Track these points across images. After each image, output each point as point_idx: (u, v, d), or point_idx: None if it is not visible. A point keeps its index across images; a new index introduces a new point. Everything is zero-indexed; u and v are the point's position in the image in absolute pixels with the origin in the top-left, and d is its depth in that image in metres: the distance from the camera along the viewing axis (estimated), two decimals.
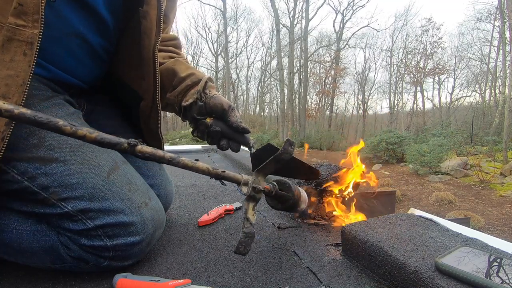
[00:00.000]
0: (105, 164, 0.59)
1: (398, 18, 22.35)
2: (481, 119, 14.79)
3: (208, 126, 0.71)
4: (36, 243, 0.57)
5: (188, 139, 14.04)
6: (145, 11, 0.65)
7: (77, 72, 0.66)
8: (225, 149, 0.74)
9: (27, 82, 0.49)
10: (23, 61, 0.48)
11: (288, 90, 16.77)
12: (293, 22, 17.85)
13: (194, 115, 0.72)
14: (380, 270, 0.54)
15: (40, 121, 0.41)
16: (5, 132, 0.48)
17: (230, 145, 0.74)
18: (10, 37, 0.46)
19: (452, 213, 5.02)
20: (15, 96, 0.47)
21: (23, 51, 0.47)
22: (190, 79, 0.75)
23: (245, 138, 0.73)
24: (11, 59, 0.47)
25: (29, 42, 0.48)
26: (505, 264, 0.46)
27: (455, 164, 7.75)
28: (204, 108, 0.72)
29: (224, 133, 0.72)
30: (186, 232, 0.79)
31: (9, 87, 0.47)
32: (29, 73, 0.49)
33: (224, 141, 0.73)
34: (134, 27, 0.67)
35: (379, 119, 23.66)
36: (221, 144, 0.73)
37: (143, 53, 0.68)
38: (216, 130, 0.71)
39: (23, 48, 0.47)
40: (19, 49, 0.47)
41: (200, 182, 1.40)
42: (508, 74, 10.23)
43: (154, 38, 0.68)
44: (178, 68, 0.77)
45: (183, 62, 0.80)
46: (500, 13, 12.94)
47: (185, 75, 0.75)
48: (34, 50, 0.48)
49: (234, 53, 23.64)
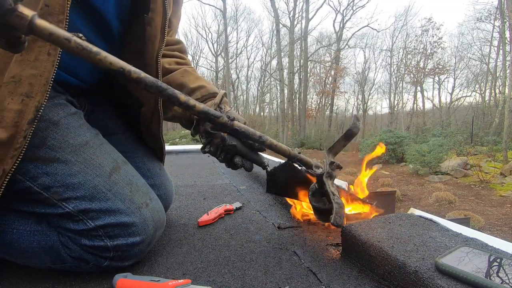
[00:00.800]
0: (106, 165, 0.60)
1: (398, 18, 22.35)
2: (481, 119, 14.79)
3: (224, 140, 0.67)
4: (37, 243, 0.57)
5: (188, 139, 14.03)
6: (151, 18, 0.64)
7: (79, 72, 0.66)
8: (239, 167, 0.70)
9: (50, 82, 0.49)
10: (47, 61, 0.48)
11: (288, 90, 16.77)
12: (293, 22, 17.86)
13: (208, 129, 0.68)
14: (380, 270, 0.54)
15: (161, 87, 0.46)
16: (27, 131, 0.48)
17: (244, 163, 0.69)
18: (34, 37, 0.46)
19: (452, 213, 5.02)
20: (38, 95, 0.48)
21: (47, 51, 0.48)
22: (200, 92, 0.74)
23: (259, 156, 0.71)
24: (35, 59, 0.47)
25: None
26: (505, 264, 0.46)
27: (455, 164, 7.75)
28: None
29: (238, 151, 0.69)
30: (186, 232, 0.80)
31: (33, 86, 0.47)
32: (52, 73, 0.49)
33: (238, 158, 0.68)
34: (138, 33, 0.67)
35: (379, 119, 23.67)
36: (235, 161, 0.68)
37: (145, 59, 0.68)
38: (232, 144, 0.67)
39: (47, 48, 0.48)
40: (43, 49, 0.47)
41: (200, 182, 1.40)
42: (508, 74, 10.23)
43: (158, 45, 0.68)
44: (187, 80, 0.76)
45: (192, 72, 0.79)
46: (500, 13, 12.94)
47: (194, 86, 0.74)
48: (58, 50, 0.49)
49: (234, 53, 23.65)
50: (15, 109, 0.46)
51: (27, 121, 0.48)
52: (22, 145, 0.48)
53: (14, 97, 0.46)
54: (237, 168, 0.70)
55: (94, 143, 0.60)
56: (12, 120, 0.46)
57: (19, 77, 0.46)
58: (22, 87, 0.47)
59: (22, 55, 0.46)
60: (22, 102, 0.47)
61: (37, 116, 0.49)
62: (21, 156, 0.49)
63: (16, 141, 0.47)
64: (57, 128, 0.55)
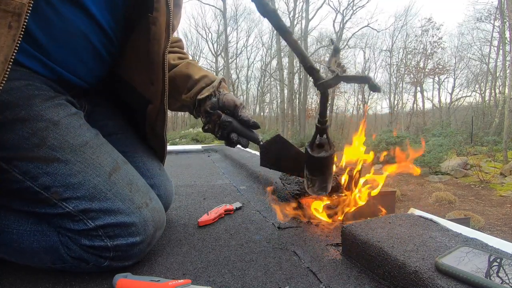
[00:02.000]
0: (106, 164, 0.60)
1: (398, 18, 22.32)
2: (481, 119, 14.79)
3: (220, 116, 0.75)
4: (37, 243, 0.57)
5: (188, 139, 14.03)
6: (155, 17, 0.65)
7: (79, 72, 0.66)
8: (235, 144, 0.77)
9: (9, 59, 0.43)
10: (7, 35, 0.42)
11: (288, 90, 16.77)
12: (293, 22, 17.86)
13: (208, 109, 0.76)
14: (380, 270, 0.54)
15: None
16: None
17: (240, 139, 0.76)
18: None
19: (452, 213, 5.03)
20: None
21: (8, 23, 0.41)
22: (204, 81, 0.79)
23: (254, 133, 0.78)
24: None
25: (16, 13, 0.42)
26: (505, 264, 0.46)
27: (455, 164, 7.75)
28: (217, 103, 0.77)
29: (234, 128, 0.76)
30: (186, 232, 0.80)
31: None
32: (13, 49, 0.43)
33: (234, 135, 0.76)
34: (142, 32, 0.67)
35: (379, 119, 23.66)
36: (231, 137, 0.75)
37: (152, 58, 0.68)
38: (228, 121, 0.75)
39: (8, 20, 0.41)
40: (4, 21, 0.41)
41: (200, 182, 1.40)
42: (508, 74, 10.23)
43: (163, 44, 0.68)
44: (192, 71, 0.81)
45: (195, 65, 0.84)
46: (500, 13, 12.94)
47: (199, 77, 0.79)
48: (21, 23, 0.43)
49: (234, 53, 23.63)
50: None
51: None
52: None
53: None
54: (234, 144, 0.77)
55: (94, 143, 0.60)
56: None
57: None
58: None
59: None
60: None
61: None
62: None
63: None
64: (57, 128, 0.55)
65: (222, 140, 0.79)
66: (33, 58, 0.57)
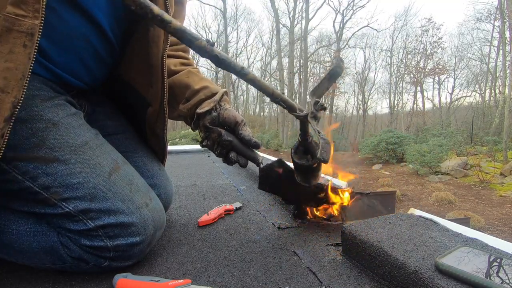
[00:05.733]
0: (106, 165, 0.59)
1: (398, 18, 22.26)
2: (481, 119, 14.77)
3: (220, 134, 0.70)
4: (36, 243, 0.57)
5: (188, 139, 14.03)
6: None
7: (80, 73, 0.66)
8: (233, 163, 0.73)
9: (27, 76, 0.46)
10: (23, 53, 0.45)
11: (288, 90, 16.77)
12: (293, 22, 17.86)
13: (207, 124, 0.72)
14: (380, 270, 0.54)
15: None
16: (4, 129, 0.46)
17: (239, 159, 0.72)
18: (8, 27, 0.43)
19: (452, 213, 5.03)
20: (14, 90, 0.45)
21: (23, 42, 0.45)
22: (204, 93, 0.75)
23: (255, 153, 0.73)
24: (10, 51, 0.44)
25: (29, 33, 0.45)
26: (505, 264, 0.46)
27: (455, 164, 7.75)
28: (217, 119, 0.73)
29: (234, 147, 0.71)
30: (186, 232, 0.79)
31: (8, 81, 0.45)
32: (29, 66, 0.46)
33: (233, 154, 0.72)
34: (142, 34, 0.67)
35: (379, 119, 23.66)
36: (230, 157, 0.71)
37: (151, 60, 0.68)
38: (229, 140, 0.70)
39: (22, 40, 0.45)
40: (19, 41, 0.44)
41: (200, 182, 1.40)
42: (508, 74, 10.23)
43: (162, 46, 0.68)
44: (192, 81, 0.77)
45: (196, 73, 0.80)
46: (500, 13, 12.94)
47: (199, 87, 0.76)
48: (34, 42, 0.46)
49: (234, 53, 23.64)
50: None
51: (4, 119, 0.45)
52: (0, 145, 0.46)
53: None
54: (232, 163, 0.73)
55: (93, 143, 0.60)
56: None
57: None
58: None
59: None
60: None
61: (14, 113, 0.46)
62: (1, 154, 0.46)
63: None
64: (56, 128, 0.55)
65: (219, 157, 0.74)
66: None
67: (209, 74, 22.90)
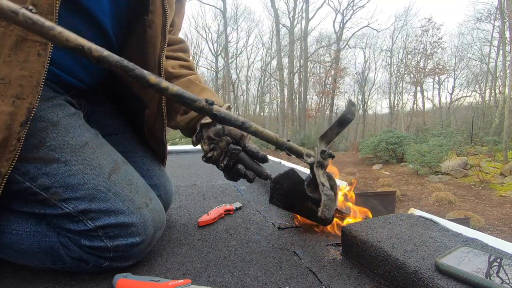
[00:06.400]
0: (106, 165, 0.59)
1: (398, 18, 22.28)
2: (481, 119, 14.77)
3: (230, 143, 0.67)
4: (36, 244, 0.57)
5: (188, 139, 13.99)
6: (151, 20, 0.64)
7: (79, 74, 0.66)
8: (240, 176, 0.70)
9: (41, 83, 0.48)
10: (37, 62, 0.47)
11: (288, 90, 16.78)
12: (293, 22, 17.86)
13: (212, 135, 0.69)
14: (380, 270, 0.54)
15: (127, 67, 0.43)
16: (20, 133, 0.48)
17: (246, 172, 0.69)
18: (23, 37, 0.46)
19: (452, 213, 5.03)
20: (29, 97, 0.47)
21: (37, 51, 0.47)
22: None
23: (262, 167, 0.70)
24: (25, 60, 0.46)
25: (43, 42, 0.47)
26: (505, 264, 0.46)
27: (455, 164, 7.76)
28: (222, 131, 0.70)
29: (241, 159, 0.69)
30: (186, 232, 0.79)
31: (23, 88, 0.46)
32: (43, 74, 0.48)
33: (241, 166, 0.68)
34: (139, 35, 0.67)
35: (379, 119, 23.66)
36: (239, 168, 0.68)
37: (148, 61, 0.68)
38: (238, 149, 0.67)
39: (37, 49, 0.47)
40: (33, 50, 0.47)
41: (200, 182, 1.40)
42: (508, 74, 10.23)
43: (159, 47, 0.68)
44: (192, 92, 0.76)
45: (197, 83, 0.78)
46: (500, 13, 12.94)
47: None
48: (48, 51, 0.48)
49: (234, 53, 23.61)
50: (7, 112, 0.46)
51: (20, 123, 0.47)
52: (16, 147, 0.48)
53: (5, 99, 0.46)
54: (237, 177, 0.70)
55: (93, 144, 0.60)
56: (5, 123, 0.46)
57: (9, 79, 0.46)
58: (12, 88, 0.46)
59: (11, 56, 0.45)
60: (13, 104, 0.46)
61: (29, 118, 0.48)
62: (16, 158, 0.49)
63: (10, 144, 0.47)
64: (56, 128, 0.55)
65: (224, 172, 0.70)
66: None
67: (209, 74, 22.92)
